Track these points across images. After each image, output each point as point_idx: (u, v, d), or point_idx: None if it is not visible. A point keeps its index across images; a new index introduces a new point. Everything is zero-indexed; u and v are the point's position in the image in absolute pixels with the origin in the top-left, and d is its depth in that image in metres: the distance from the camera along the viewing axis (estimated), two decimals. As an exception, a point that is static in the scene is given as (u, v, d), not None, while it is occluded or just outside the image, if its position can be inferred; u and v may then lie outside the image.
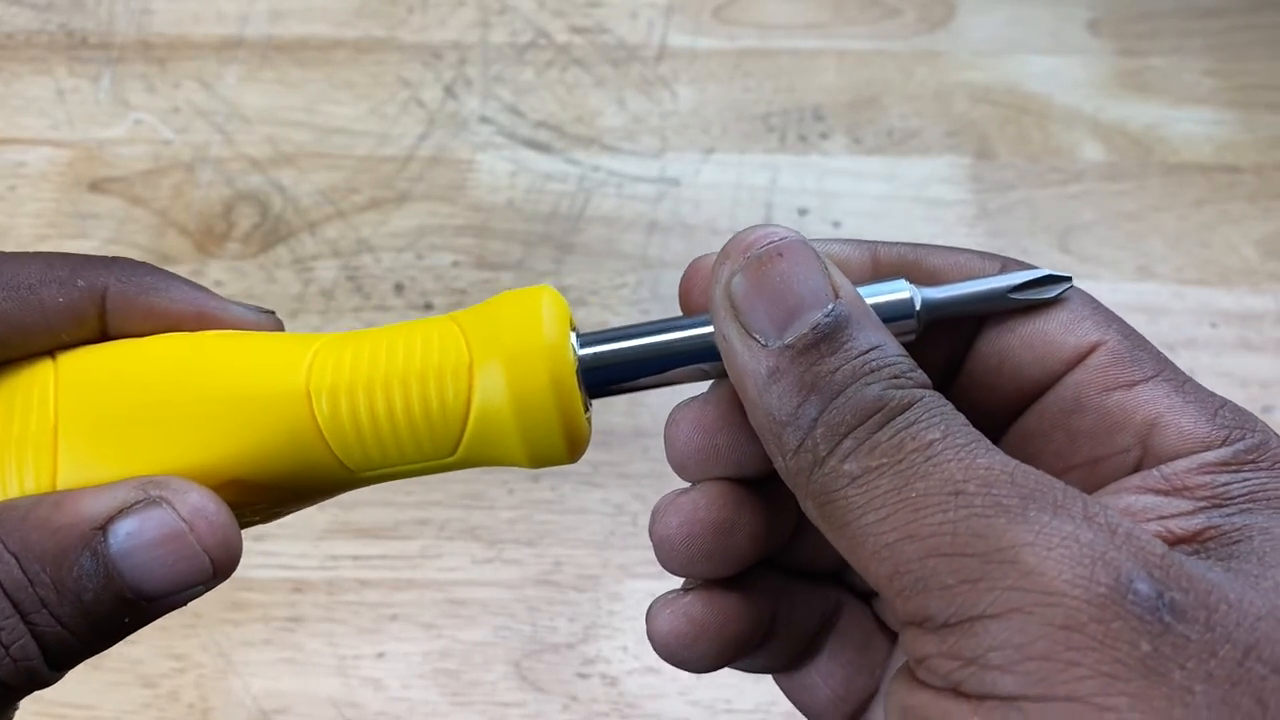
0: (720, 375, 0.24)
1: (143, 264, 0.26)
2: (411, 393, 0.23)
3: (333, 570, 0.48)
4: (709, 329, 0.23)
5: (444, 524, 0.49)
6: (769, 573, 0.26)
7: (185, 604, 0.23)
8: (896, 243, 0.25)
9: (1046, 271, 0.23)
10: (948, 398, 0.21)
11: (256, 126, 0.59)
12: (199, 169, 0.58)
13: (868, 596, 0.27)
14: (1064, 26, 0.64)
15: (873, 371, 0.21)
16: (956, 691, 0.19)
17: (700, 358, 0.23)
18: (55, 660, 0.22)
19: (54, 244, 0.55)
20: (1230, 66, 0.62)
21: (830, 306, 0.21)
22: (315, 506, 0.30)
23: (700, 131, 0.60)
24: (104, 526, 0.22)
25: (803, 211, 0.57)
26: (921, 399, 0.21)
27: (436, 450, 0.24)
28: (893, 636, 0.26)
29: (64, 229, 0.56)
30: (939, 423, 0.20)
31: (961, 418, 0.21)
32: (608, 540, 0.49)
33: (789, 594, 0.26)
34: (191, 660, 0.46)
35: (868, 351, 0.21)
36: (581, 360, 0.24)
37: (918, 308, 0.23)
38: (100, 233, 0.56)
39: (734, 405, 0.23)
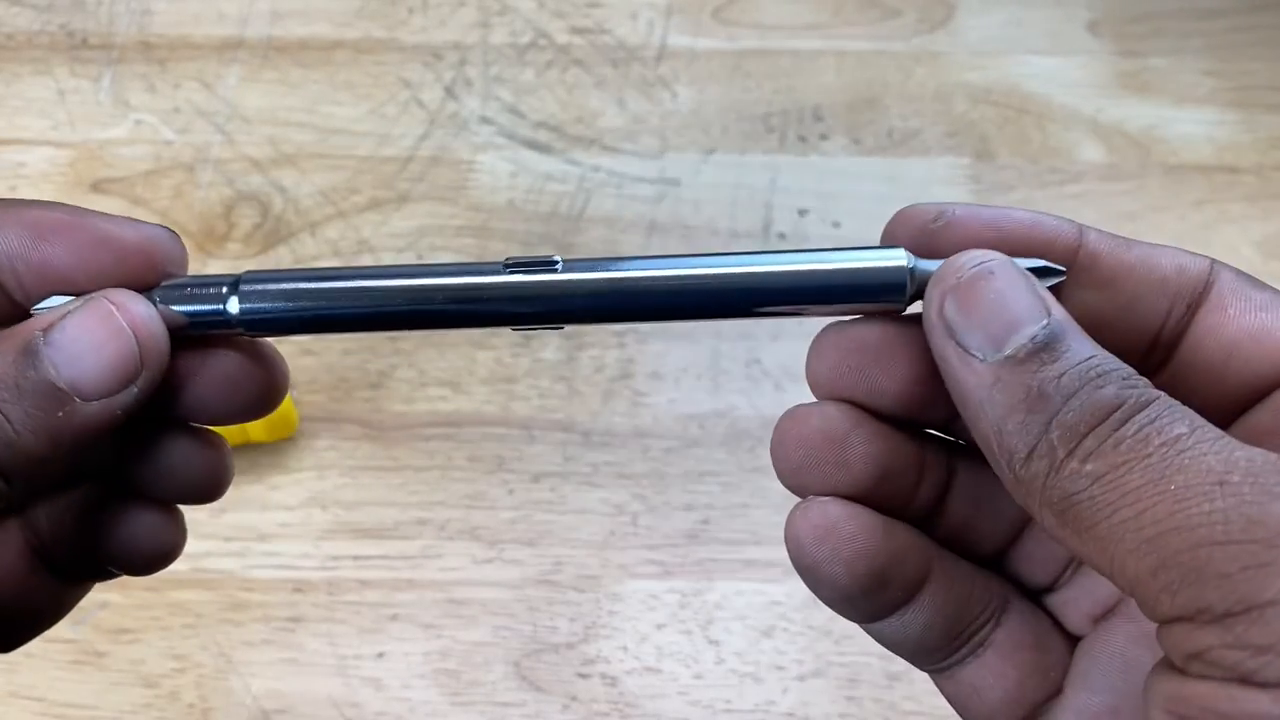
0: (856, 314, 0.24)
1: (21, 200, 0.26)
2: None
3: (333, 570, 0.48)
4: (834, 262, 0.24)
5: (444, 524, 0.49)
6: (920, 535, 0.25)
7: (121, 415, 0.23)
8: (1105, 232, 0.25)
9: (1042, 263, 0.24)
10: None
11: (257, 127, 0.59)
12: (200, 169, 0.58)
13: (1036, 594, 0.26)
14: (1063, 27, 0.64)
15: (1100, 375, 0.21)
16: (1247, 681, 0.18)
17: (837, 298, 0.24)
18: (4, 466, 0.22)
19: (55, 244, 0.55)
20: (1230, 67, 0.62)
21: (1045, 320, 0.21)
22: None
23: (700, 132, 0.60)
24: (47, 330, 0.23)
25: (802, 212, 0.57)
26: (1158, 398, 0.20)
27: None
28: (1072, 640, 0.26)
29: (65, 229, 0.56)
30: (1183, 418, 0.20)
31: (1200, 417, 0.20)
32: (608, 540, 0.49)
33: (945, 564, 0.25)
34: (192, 660, 0.46)
35: (1089, 358, 0.21)
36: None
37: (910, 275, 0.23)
38: (101, 233, 0.56)
39: (882, 337, 0.24)
